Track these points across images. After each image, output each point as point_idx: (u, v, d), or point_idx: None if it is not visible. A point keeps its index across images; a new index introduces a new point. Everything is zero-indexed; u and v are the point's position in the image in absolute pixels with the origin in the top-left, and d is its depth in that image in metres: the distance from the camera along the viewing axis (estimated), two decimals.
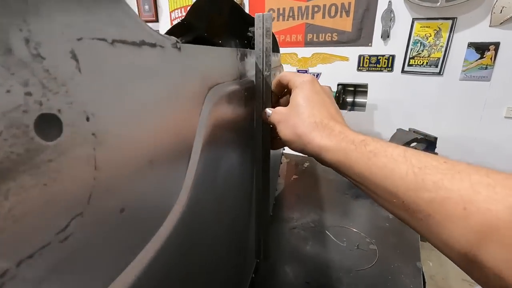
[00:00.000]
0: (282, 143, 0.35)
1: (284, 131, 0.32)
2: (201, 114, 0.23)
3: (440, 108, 1.89)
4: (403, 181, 0.22)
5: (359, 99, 1.85)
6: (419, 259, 0.60)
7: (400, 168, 0.23)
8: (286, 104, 0.34)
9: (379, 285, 0.53)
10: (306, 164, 1.09)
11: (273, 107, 0.37)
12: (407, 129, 1.00)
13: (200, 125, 0.23)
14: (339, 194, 0.86)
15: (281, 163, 1.08)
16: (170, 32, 0.94)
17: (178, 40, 0.20)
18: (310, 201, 0.82)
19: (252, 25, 1.05)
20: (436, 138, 0.89)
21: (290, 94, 0.34)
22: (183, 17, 0.47)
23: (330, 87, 0.39)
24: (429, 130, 1.95)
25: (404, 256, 0.60)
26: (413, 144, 0.93)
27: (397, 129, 1.01)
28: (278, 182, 0.93)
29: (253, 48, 0.42)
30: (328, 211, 0.77)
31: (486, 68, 1.73)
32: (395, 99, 2.00)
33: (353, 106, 1.86)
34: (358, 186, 0.28)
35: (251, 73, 0.40)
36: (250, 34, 1.09)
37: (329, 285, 0.53)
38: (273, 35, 0.94)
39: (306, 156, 0.32)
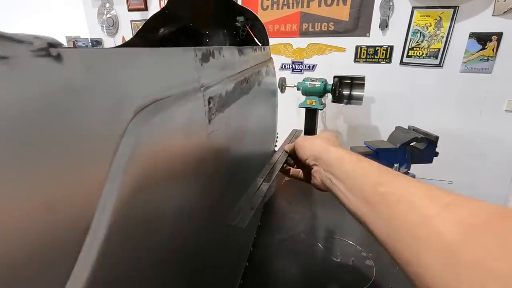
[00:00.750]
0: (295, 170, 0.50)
1: (302, 142, 0.43)
2: (113, 163, 0.15)
3: (439, 101, 1.83)
4: (370, 179, 0.29)
5: (356, 92, 1.77)
6: None
7: (370, 172, 0.30)
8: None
9: None
10: None
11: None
12: (406, 127, 0.93)
13: (112, 181, 0.15)
14: (333, 199, 0.80)
15: None
16: (148, 23, 0.85)
17: (58, 43, 0.12)
18: (302, 207, 0.76)
19: (240, 14, 0.95)
20: (437, 138, 0.83)
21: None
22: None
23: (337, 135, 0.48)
24: (427, 124, 1.88)
25: (402, 275, 0.55)
26: (413, 143, 0.86)
27: (395, 127, 0.94)
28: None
29: (243, 39, 0.35)
30: (321, 219, 0.72)
31: (487, 59, 1.66)
32: (393, 92, 1.93)
33: (350, 99, 1.79)
34: (332, 184, 0.36)
35: (221, 78, 0.32)
36: (239, 24, 1.01)
37: None
38: (262, 25, 0.86)
39: None
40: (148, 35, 0.94)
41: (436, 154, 0.92)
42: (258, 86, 0.46)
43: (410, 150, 0.89)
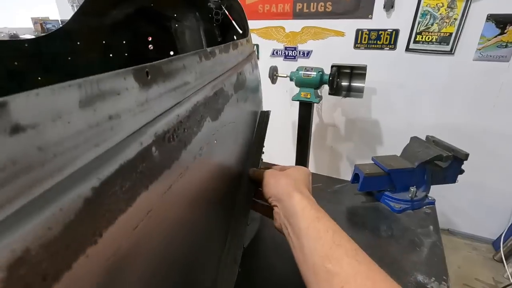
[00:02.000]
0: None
1: (269, 179, 0.39)
2: None
3: (449, 93, 1.64)
4: (321, 249, 0.29)
5: (356, 83, 1.56)
6: None
7: (324, 239, 0.29)
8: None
9: None
10: None
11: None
12: (424, 138, 0.74)
13: None
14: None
15: None
16: (87, 6, 0.62)
17: None
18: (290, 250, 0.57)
19: None
20: (467, 155, 0.64)
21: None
22: None
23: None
24: (435, 118, 1.71)
25: None
26: (437, 161, 0.68)
27: (411, 138, 0.75)
28: (252, 217, 0.68)
29: (219, 25, 0.16)
30: None
31: (506, 46, 1.46)
32: (397, 83, 1.73)
33: (349, 91, 1.58)
34: (288, 236, 0.34)
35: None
36: (211, 5, 0.78)
37: None
38: (240, 7, 0.64)
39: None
40: (91, 20, 0.71)
41: (462, 171, 0.73)
42: (235, 102, 0.26)
43: (430, 169, 0.70)
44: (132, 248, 0.14)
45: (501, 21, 1.43)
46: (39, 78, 0.64)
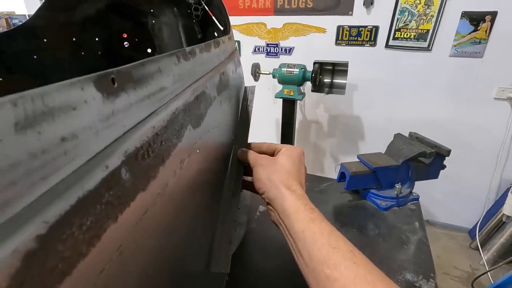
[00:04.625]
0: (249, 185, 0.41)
1: (260, 173, 0.37)
2: None
3: (426, 88, 1.68)
4: (318, 253, 0.28)
5: (338, 80, 1.57)
6: None
7: (320, 242, 0.29)
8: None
9: None
10: None
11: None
12: (405, 133, 0.75)
13: None
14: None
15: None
16: None
17: None
18: (283, 259, 0.56)
19: None
20: (449, 151, 0.65)
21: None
22: None
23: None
24: (414, 112, 1.75)
25: None
26: (421, 158, 0.68)
27: (394, 135, 0.75)
28: (240, 221, 0.65)
29: (199, 21, 0.12)
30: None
31: (479, 42, 1.51)
32: (377, 78, 1.75)
33: (331, 87, 1.59)
34: (286, 235, 0.33)
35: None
36: (191, 1, 0.75)
37: None
38: (221, 3, 0.61)
39: None
40: (58, 15, 0.65)
41: (443, 167, 0.74)
42: (219, 105, 0.24)
43: (414, 166, 0.70)
44: None
45: (474, 18, 1.48)
46: (0, 79, 0.59)
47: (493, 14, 1.44)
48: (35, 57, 0.64)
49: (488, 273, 1.48)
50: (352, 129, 1.93)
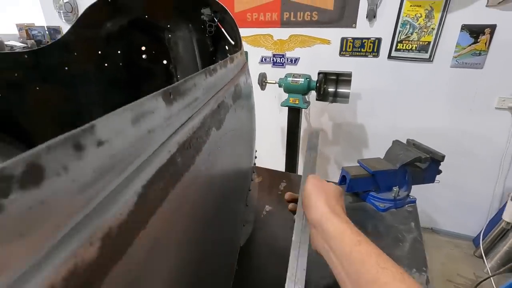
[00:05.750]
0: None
1: (310, 207, 0.39)
2: None
3: (428, 98, 1.73)
4: (367, 273, 0.28)
5: (342, 89, 1.63)
6: None
7: (368, 263, 0.29)
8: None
9: None
10: (282, 185, 0.87)
11: None
12: (405, 141, 0.80)
13: None
14: None
15: (252, 180, 0.86)
16: (87, 16, 0.65)
17: None
18: (288, 254, 0.61)
19: (205, 4, 0.73)
20: (443, 157, 0.70)
21: None
22: None
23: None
24: (416, 122, 1.80)
25: None
26: (417, 163, 0.73)
27: (393, 142, 0.81)
28: (248, 219, 0.71)
29: (212, 36, 0.20)
30: (311, 269, 0.57)
31: (479, 54, 1.56)
32: (380, 88, 1.81)
33: (335, 96, 1.65)
34: (330, 258, 0.34)
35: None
36: (205, 18, 0.82)
37: None
38: (233, 21, 0.68)
39: (282, 173, 0.62)
40: (88, 31, 0.73)
41: (439, 172, 0.79)
42: (217, 130, 0.30)
43: (411, 171, 0.75)
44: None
45: (474, 31, 1.53)
46: (37, 89, 0.66)
47: (492, 27, 1.50)
48: (66, 68, 0.71)
49: (492, 280, 1.49)
50: (356, 136, 1.98)
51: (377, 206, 0.75)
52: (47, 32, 2.72)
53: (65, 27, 2.66)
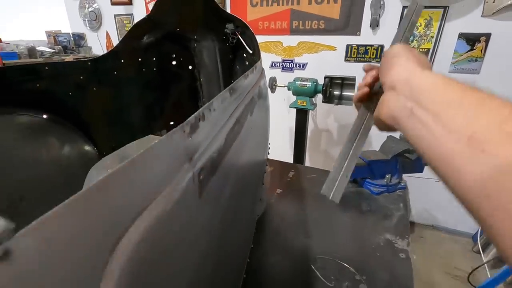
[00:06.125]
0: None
1: (392, 70, 0.34)
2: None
3: None
4: (489, 111, 0.22)
5: (346, 93, 1.76)
6: None
7: (487, 105, 0.23)
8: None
9: None
10: (291, 174, 1.02)
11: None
12: (398, 137, 0.93)
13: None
14: (327, 212, 0.80)
15: (265, 172, 1.00)
16: (133, 30, 0.81)
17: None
18: (295, 223, 0.75)
19: (229, 21, 0.92)
20: None
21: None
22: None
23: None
24: None
25: None
26: (406, 154, 0.86)
27: (387, 137, 0.94)
28: (263, 198, 0.85)
29: (234, 46, 0.36)
30: (314, 235, 0.71)
31: (476, 60, 1.68)
32: None
33: (340, 99, 1.78)
34: (418, 115, 0.27)
35: (211, 137, 0.29)
36: (228, 31, 0.97)
37: None
38: (252, 34, 0.83)
39: (290, 164, 0.58)
40: (133, 42, 0.89)
41: (427, 163, 0.92)
42: (250, 116, 0.44)
43: (401, 161, 0.89)
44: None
45: (471, 39, 1.65)
46: (94, 89, 0.82)
47: (487, 36, 1.61)
48: (115, 73, 0.87)
49: (487, 271, 1.59)
50: None
51: (372, 190, 0.89)
52: (72, 38, 2.94)
53: (89, 34, 2.87)
